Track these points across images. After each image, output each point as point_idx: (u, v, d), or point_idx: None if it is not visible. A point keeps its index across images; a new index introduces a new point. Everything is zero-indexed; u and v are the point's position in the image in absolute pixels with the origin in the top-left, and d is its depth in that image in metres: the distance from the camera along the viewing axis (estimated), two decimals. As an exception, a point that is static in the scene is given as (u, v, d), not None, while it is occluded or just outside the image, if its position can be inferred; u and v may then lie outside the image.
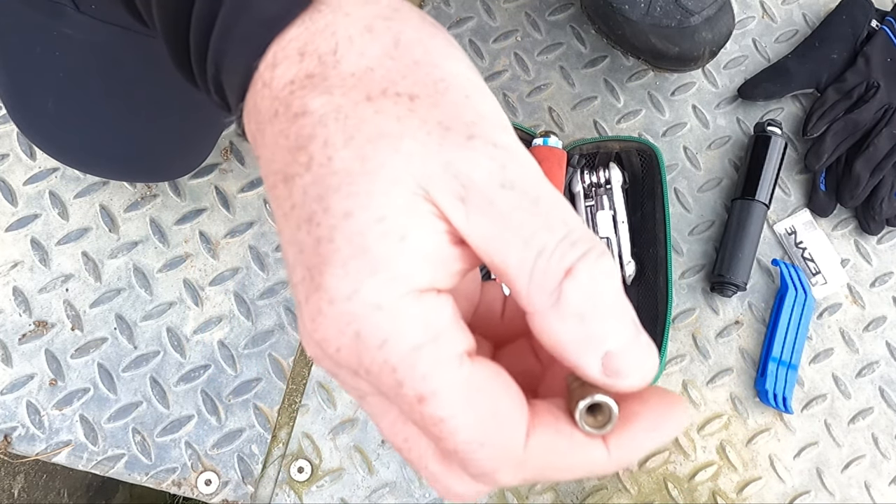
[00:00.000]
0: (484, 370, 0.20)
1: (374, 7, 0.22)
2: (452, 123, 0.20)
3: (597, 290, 0.19)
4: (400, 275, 0.19)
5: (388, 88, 0.21)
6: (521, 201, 0.20)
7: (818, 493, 0.73)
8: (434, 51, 0.22)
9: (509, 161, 0.20)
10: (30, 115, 0.56)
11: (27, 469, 0.80)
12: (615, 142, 0.74)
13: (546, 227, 0.19)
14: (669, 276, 0.70)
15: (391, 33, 0.22)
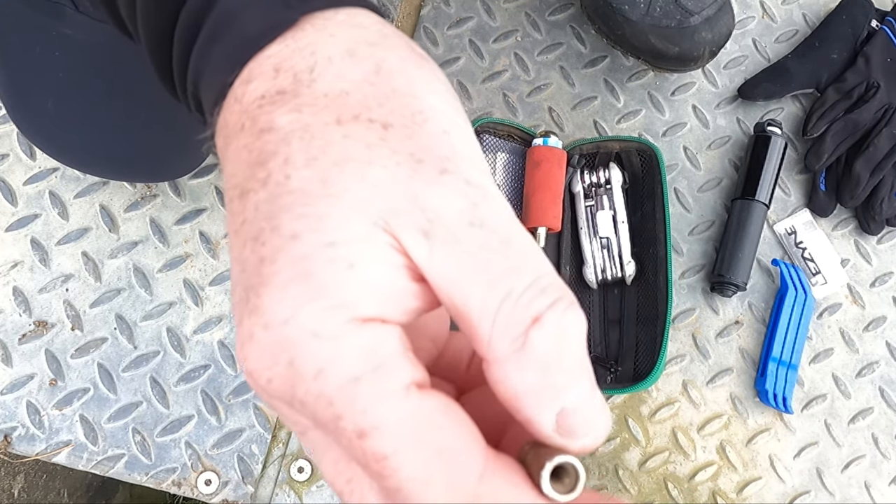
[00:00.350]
0: (433, 403, 0.18)
1: (361, 31, 0.22)
2: (425, 156, 0.19)
3: (564, 342, 0.18)
4: (343, 302, 0.18)
5: (361, 114, 0.20)
6: (490, 241, 0.19)
7: (818, 493, 0.73)
8: (417, 82, 0.21)
9: (482, 200, 0.19)
10: (30, 115, 0.56)
11: (27, 469, 0.80)
12: (615, 142, 0.74)
13: (515, 271, 0.18)
14: (669, 276, 0.70)
15: (374, 59, 0.21)
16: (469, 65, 0.80)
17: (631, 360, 0.72)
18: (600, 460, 0.71)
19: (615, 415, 0.73)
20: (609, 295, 0.75)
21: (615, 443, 0.72)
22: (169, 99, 0.28)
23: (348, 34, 0.21)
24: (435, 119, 0.20)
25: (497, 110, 0.79)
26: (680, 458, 0.72)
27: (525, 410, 0.19)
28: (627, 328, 0.73)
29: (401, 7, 0.81)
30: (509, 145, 0.74)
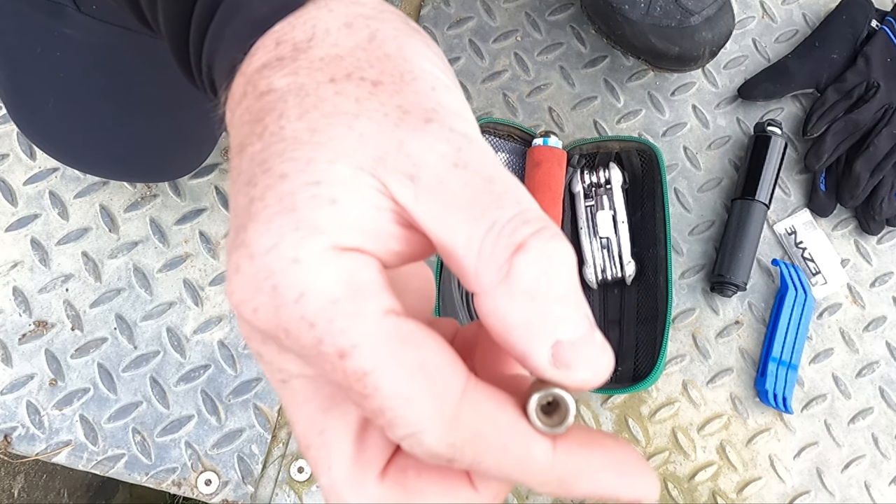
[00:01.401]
0: (412, 325, 0.19)
1: (358, 7, 0.23)
2: (412, 108, 0.20)
3: (551, 268, 0.18)
4: (322, 230, 0.18)
5: (353, 73, 0.21)
6: (474, 180, 0.19)
7: (818, 493, 0.73)
8: (408, 48, 0.22)
9: (465, 144, 0.20)
10: (30, 115, 0.56)
11: (27, 469, 0.80)
12: (615, 142, 0.74)
13: (498, 204, 0.19)
14: (669, 276, 0.70)
15: (369, 29, 0.22)
16: (469, 65, 0.80)
17: (631, 360, 0.72)
18: (600, 460, 0.71)
19: (615, 415, 0.73)
20: (609, 295, 0.75)
21: (615, 443, 0.72)
22: (169, 99, 0.29)
23: (346, 10, 0.22)
24: (423, 78, 0.21)
25: (497, 110, 0.79)
26: (680, 458, 0.72)
27: (518, 344, 0.18)
28: (627, 328, 0.73)
29: (401, 7, 0.81)
30: (509, 145, 0.74)
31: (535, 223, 0.19)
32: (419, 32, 0.23)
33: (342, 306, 0.18)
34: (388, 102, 0.20)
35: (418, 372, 0.18)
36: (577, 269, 0.24)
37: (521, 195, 0.19)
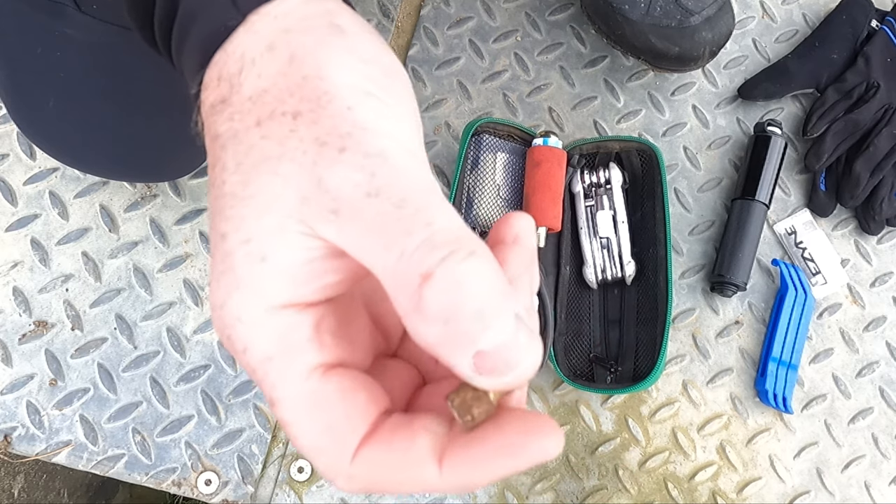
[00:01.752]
0: (332, 385, 0.21)
1: (283, 20, 0.23)
2: (328, 138, 0.21)
3: (459, 294, 0.19)
4: (258, 291, 0.21)
5: (275, 109, 0.22)
6: (385, 206, 0.20)
7: (818, 493, 0.73)
8: (325, 62, 0.22)
9: (379, 167, 0.21)
10: (30, 115, 0.56)
11: (27, 469, 0.80)
12: (615, 142, 0.74)
13: (407, 231, 0.20)
14: (669, 276, 0.70)
15: (289, 49, 0.22)
16: (469, 65, 0.80)
17: (631, 360, 0.72)
18: (600, 460, 0.71)
19: (615, 415, 0.73)
20: (609, 295, 0.75)
21: (615, 443, 0.72)
22: (169, 99, 0.29)
23: (270, 27, 0.23)
24: (340, 96, 0.22)
25: (497, 110, 0.79)
26: (680, 458, 0.72)
27: (442, 359, 0.20)
28: (627, 328, 0.73)
29: (401, 7, 0.81)
30: (509, 145, 0.74)
31: (443, 248, 0.19)
32: (340, 35, 0.23)
33: (274, 363, 0.21)
34: (307, 137, 0.21)
35: (325, 432, 0.21)
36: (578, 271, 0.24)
37: (433, 214, 0.20)
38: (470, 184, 0.73)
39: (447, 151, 0.77)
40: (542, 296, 0.66)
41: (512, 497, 0.70)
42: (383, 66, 0.23)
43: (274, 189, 0.21)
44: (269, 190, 0.21)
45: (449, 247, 0.19)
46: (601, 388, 0.70)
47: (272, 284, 0.21)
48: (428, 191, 0.21)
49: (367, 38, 0.24)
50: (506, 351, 0.19)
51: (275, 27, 0.23)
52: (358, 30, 0.23)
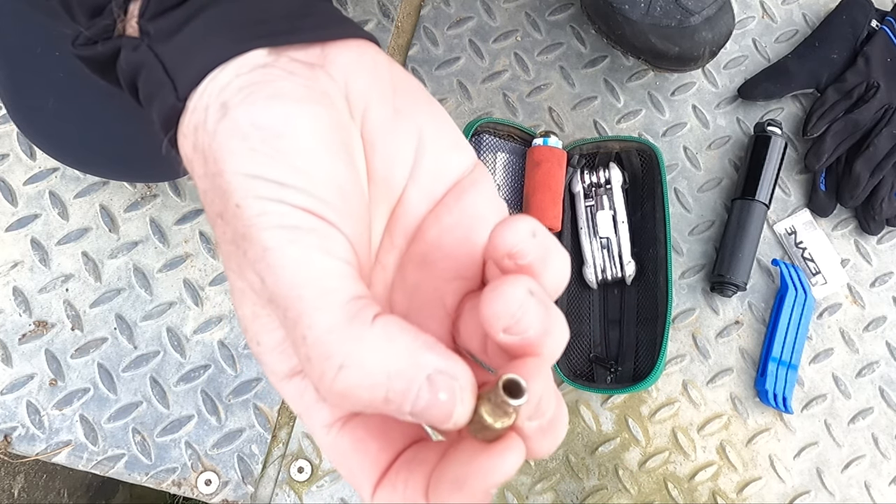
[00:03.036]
0: (346, 439, 0.24)
1: (193, 115, 0.23)
2: (237, 240, 0.22)
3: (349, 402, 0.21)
4: (266, 365, 0.25)
5: (212, 211, 0.23)
6: (279, 313, 0.21)
7: (818, 493, 0.73)
8: (219, 156, 0.22)
9: (265, 273, 0.21)
10: (30, 115, 0.56)
11: (27, 469, 0.80)
12: (615, 142, 0.74)
13: (294, 343, 0.21)
14: (669, 276, 0.70)
15: (201, 149, 0.23)
16: (469, 65, 0.80)
17: (631, 360, 0.72)
18: (600, 460, 0.71)
19: (615, 415, 0.73)
20: (609, 295, 0.75)
21: (615, 443, 0.72)
22: None
23: (188, 126, 0.23)
24: (231, 192, 0.22)
25: (497, 110, 0.79)
26: (680, 458, 0.72)
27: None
28: (627, 328, 0.73)
29: (401, 7, 0.81)
30: (509, 145, 0.74)
31: (317, 366, 0.20)
32: (224, 116, 0.22)
33: (303, 419, 0.25)
34: (230, 238, 0.22)
35: (348, 477, 0.24)
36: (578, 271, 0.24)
37: (307, 324, 0.20)
38: (470, 184, 0.73)
39: (447, 151, 0.77)
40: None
41: (512, 497, 0.70)
42: (273, 126, 0.22)
43: (237, 284, 0.23)
44: (235, 285, 0.24)
45: (321, 365, 0.20)
46: (601, 388, 0.70)
47: (271, 360, 0.24)
48: (301, 294, 0.21)
49: (258, 98, 0.22)
50: (427, 412, 0.20)
51: (190, 125, 0.23)
52: (244, 96, 0.22)
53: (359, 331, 0.20)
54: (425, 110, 0.26)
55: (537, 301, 0.21)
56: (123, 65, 0.26)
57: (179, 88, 0.23)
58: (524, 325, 0.21)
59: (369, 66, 0.25)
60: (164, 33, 0.24)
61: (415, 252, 0.26)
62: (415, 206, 0.25)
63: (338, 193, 0.22)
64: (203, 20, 0.24)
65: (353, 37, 0.25)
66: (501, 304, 0.21)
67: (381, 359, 0.20)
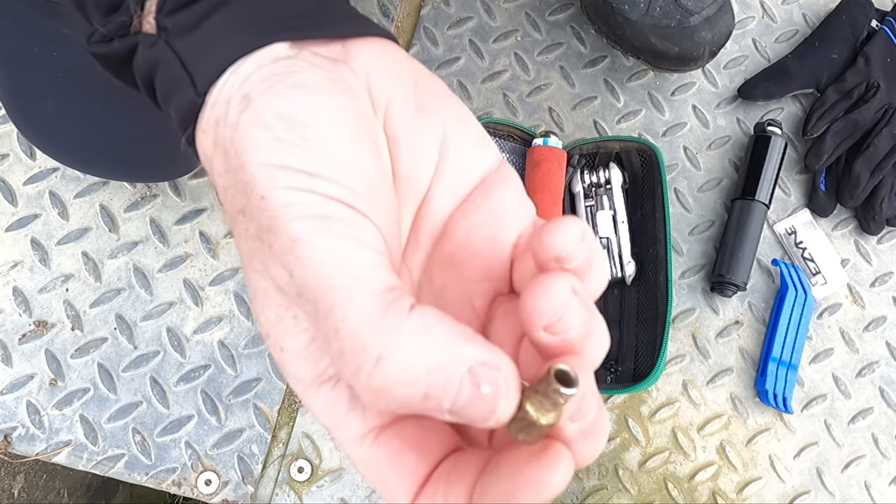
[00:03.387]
0: (382, 451, 0.22)
1: (214, 109, 0.23)
2: (262, 234, 0.21)
3: (387, 399, 0.20)
4: (291, 374, 0.23)
5: (234, 207, 0.22)
6: (309, 308, 0.20)
7: (818, 493, 0.73)
8: (241, 149, 0.21)
9: (293, 266, 0.20)
10: (29, 115, 0.56)
11: (27, 469, 0.80)
12: (615, 142, 0.74)
13: (325, 338, 0.20)
14: (669, 276, 0.70)
15: (222, 143, 0.22)
16: (469, 65, 0.80)
17: (631, 360, 0.72)
18: (600, 460, 0.71)
19: (615, 415, 0.73)
20: (609, 295, 0.74)
21: (615, 443, 0.72)
22: None
23: (209, 120, 0.23)
24: (255, 184, 0.21)
25: (497, 110, 0.79)
26: (680, 458, 0.72)
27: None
28: (627, 328, 0.73)
29: (401, 7, 0.81)
30: (509, 145, 0.74)
31: (351, 362, 0.19)
32: (247, 108, 0.22)
33: (332, 432, 0.23)
34: (254, 233, 0.21)
35: (384, 490, 0.23)
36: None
37: (340, 317, 0.19)
38: (470, 184, 0.73)
39: (447, 151, 0.77)
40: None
41: (512, 497, 0.70)
42: (298, 115, 0.21)
43: (259, 285, 0.22)
44: (258, 286, 0.23)
45: (356, 359, 0.19)
46: (601, 388, 0.70)
47: (296, 367, 0.23)
48: (334, 284, 0.20)
49: (281, 88, 0.22)
50: (469, 408, 0.19)
51: (210, 120, 0.23)
52: (267, 87, 0.22)
53: (396, 321, 0.19)
54: (448, 107, 0.25)
55: (581, 301, 0.20)
56: (140, 62, 0.25)
57: (198, 83, 0.23)
58: (566, 324, 0.20)
59: (391, 63, 0.25)
60: (182, 29, 0.24)
61: (441, 252, 0.25)
62: (440, 204, 0.25)
63: (367, 184, 0.21)
64: (222, 15, 0.24)
65: (374, 35, 0.25)
66: (545, 300, 0.20)
67: (421, 351, 0.19)
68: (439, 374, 0.19)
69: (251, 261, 0.22)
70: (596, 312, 0.21)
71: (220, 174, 0.22)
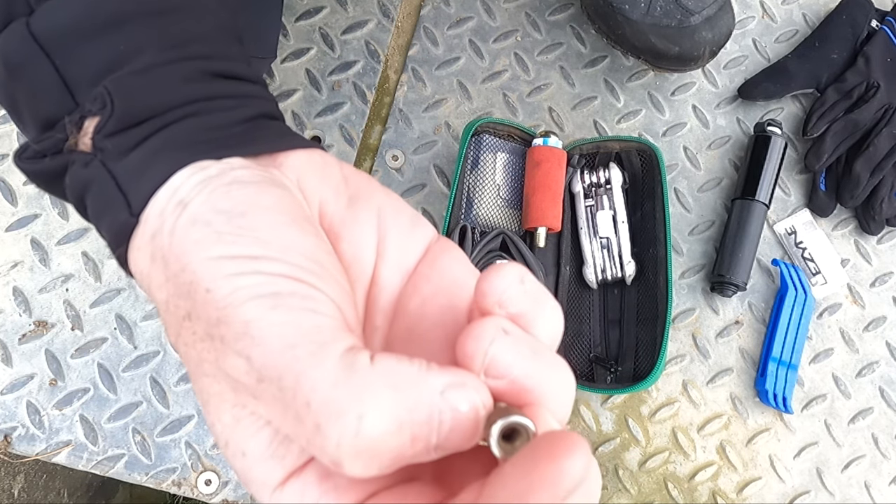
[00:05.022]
0: None
1: (148, 224, 0.23)
2: (210, 330, 0.21)
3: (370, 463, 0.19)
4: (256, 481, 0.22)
5: (178, 315, 0.22)
6: (273, 391, 0.20)
7: (818, 493, 0.73)
8: (181, 251, 0.22)
9: (250, 349, 0.20)
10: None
11: (27, 469, 0.80)
12: (615, 142, 0.74)
13: (296, 419, 0.19)
14: (669, 276, 0.70)
15: (161, 254, 0.22)
16: (469, 65, 0.80)
17: (631, 360, 0.72)
18: (600, 460, 0.71)
19: (615, 415, 0.73)
20: (609, 295, 0.75)
21: (615, 443, 0.72)
22: None
23: (143, 237, 0.23)
24: (197, 280, 0.21)
25: (497, 110, 0.79)
26: (680, 458, 0.72)
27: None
28: (627, 328, 0.73)
29: (401, 7, 0.81)
30: (509, 145, 0.74)
31: (329, 432, 0.19)
32: (183, 210, 0.22)
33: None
34: (202, 334, 0.21)
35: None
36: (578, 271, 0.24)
37: (309, 389, 0.19)
38: (470, 184, 0.73)
39: (447, 151, 0.77)
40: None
41: (512, 497, 0.70)
42: (235, 208, 0.22)
43: (212, 390, 0.22)
44: (210, 392, 0.22)
45: (336, 427, 0.18)
46: (601, 388, 0.70)
47: (261, 471, 0.21)
48: (296, 354, 0.19)
49: (216, 187, 0.23)
50: (454, 432, 0.19)
51: (146, 236, 0.23)
52: (201, 189, 0.23)
53: (364, 377, 0.19)
54: (379, 193, 0.26)
55: (515, 339, 0.20)
56: (72, 180, 0.26)
57: (133, 203, 0.23)
58: (504, 365, 0.20)
59: (319, 165, 0.26)
60: (118, 150, 0.25)
61: (399, 329, 0.25)
62: (388, 282, 0.25)
63: (312, 260, 0.22)
64: (157, 139, 0.24)
65: (302, 147, 0.26)
66: (472, 342, 0.20)
67: (396, 396, 0.18)
68: (419, 411, 0.19)
69: (200, 366, 0.22)
70: (549, 356, 0.21)
71: (160, 287, 0.22)
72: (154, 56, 0.26)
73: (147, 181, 0.23)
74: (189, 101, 0.25)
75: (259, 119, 0.27)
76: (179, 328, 0.22)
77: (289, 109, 0.76)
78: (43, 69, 0.26)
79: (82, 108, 0.26)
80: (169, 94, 0.25)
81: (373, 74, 0.78)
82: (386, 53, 0.79)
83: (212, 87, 0.26)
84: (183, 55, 0.26)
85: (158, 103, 0.25)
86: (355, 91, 0.78)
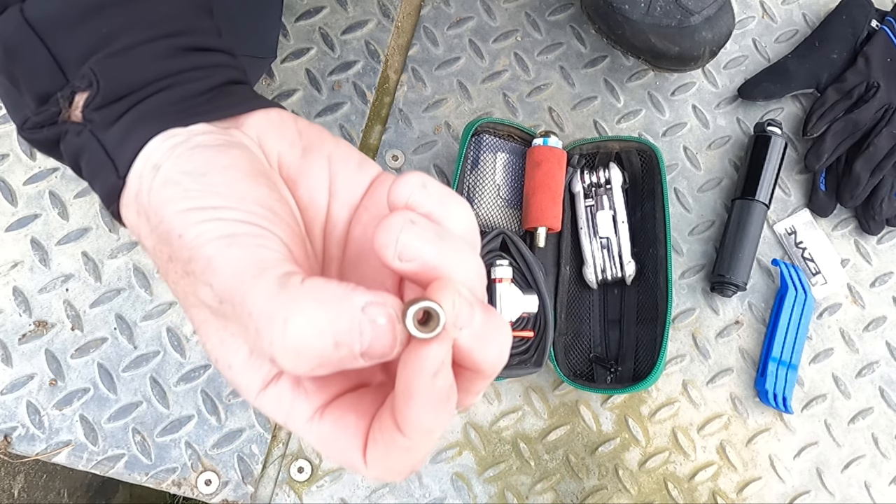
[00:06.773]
0: (328, 424, 0.26)
1: (133, 185, 0.27)
2: (186, 267, 0.25)
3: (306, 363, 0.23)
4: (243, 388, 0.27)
5: (163, 258, 0.27)
6: (230, 309, 0.24)
7: (818, 493, 0.73)
8: (158, 206, 0.26)
9: (212, 278, 0.24)
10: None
11: (27, 469, 0.80)
12: (615, 142, 0.74)
13: (244, 329, 0.23)
14: (669, 276, 0.70)
15: (144, 211, 0.27)
16: (469, 65, 0.80)
17: (631, 360, 0.72)
18: (600, 460, 0.71)
19: (615, 415, 0.73)
20: (609, 295, 0.75)
21: (615, 443, 0.72)
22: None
23: (129, 196, 0.28)
24: (172, 228, 0.25)
25: (497, 110, 0.79)
26: (680, 458, 0.72)
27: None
28: (627, 328, 0.73)
29: (401, 7, 0.81)
30: (509, 145, 0.74)
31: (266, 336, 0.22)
32: (156, 173, 0.27)
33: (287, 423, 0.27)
34: (181, 271, 0.25)
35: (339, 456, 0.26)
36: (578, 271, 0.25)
37: (251, 303, 0.23)
38: (470, 184, 0.73)
39: (447, 151, 0.77)
40: (542, 296, 0.66)
41: (512, 497, 0.70)
42: (198, 168, 0.26)
43: (199, 317, 0.27)
44: (198, 319, 0.27)
45: (268, 330, 0.22)
46: (601, 388, 0.70)
47: (244, 379, 0.26)
48: (242, 277, 0.23)
49: (182, 152, 0.27)
50: (375, 342, 0.22)
51: (131, 195, 0.27)
52: (170, 154, 0.27)
53: (293, 291, 0.22)
54: (330, 142, 0.30)
55: (421, 228, 0.23)
56: (67, 147, 0.30)
57: (119, 167, 0.28)
58: (413, 249, 0.23)
59: (277, 123, 0.30)
60: (105, 122, 0.29)
61: (350, 255, 0.29)
62: (338, 217, 0.29)
63: (266, 208, 0.26)
64: (135, 112, 0.29)
65: (262, 107, 0.30)
66: (384, 232, 0.23)
67: (319, 307, 0.22)
68: (340, 321, 0.22)
69: (187, 299, 0.26)
70: (455, 241, 0.24)
71: (147, 236, 0.27)
72: (132, 37, 0.30)
73: (128, 148, 0.28)
74: (162, 77, 0.29)
75: (226, 86, 0.31)
76: (167, 269, 0.26)
77: (289, 109, 0.76)
78: (37, 51, 0.30)
79: (72, 85, 0.30)
80: (144, 71, 0.29)
81: (373, 74, 0.78)
82: (386, 53, 0.79)
83: (182, 61, 0.30)
84: (157, 34, 0.30)
85: (136, 80, 0.29)
86: (355, 91, 0.78)
